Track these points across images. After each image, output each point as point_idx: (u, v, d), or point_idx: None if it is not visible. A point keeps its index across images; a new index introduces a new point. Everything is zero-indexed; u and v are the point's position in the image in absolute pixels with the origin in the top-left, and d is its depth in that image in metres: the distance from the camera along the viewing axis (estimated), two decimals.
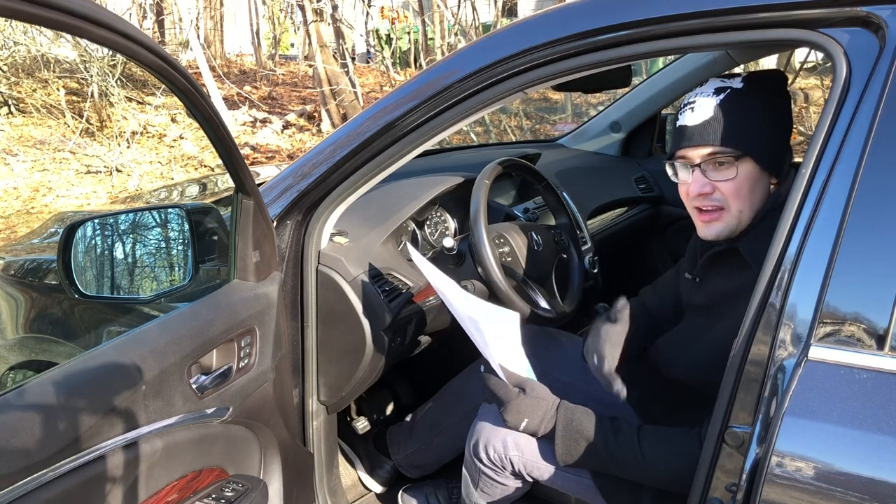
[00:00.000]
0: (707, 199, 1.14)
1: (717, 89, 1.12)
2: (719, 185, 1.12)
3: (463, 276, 1.60)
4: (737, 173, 1.11)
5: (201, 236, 1.28)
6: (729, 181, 1.11)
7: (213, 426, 1.17)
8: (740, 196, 1.12)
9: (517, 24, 1.22)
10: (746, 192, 1.12)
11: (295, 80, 11.14)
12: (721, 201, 1.13)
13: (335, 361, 1.48)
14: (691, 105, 1.14)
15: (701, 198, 1.14)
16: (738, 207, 1.12)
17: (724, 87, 1.12)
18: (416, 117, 1.26)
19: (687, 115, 1.14)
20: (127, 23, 0.85)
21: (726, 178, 1.11)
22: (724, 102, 1.11)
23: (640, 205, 2.53)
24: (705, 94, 1.13)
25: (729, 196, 1.12)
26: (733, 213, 1.13)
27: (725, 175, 1.11)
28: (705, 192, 1.13)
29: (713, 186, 1.13)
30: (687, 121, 1.14)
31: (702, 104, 1.12)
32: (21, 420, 0.87)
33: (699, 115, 1.12)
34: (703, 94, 1.13)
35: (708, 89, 1.13)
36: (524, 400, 1.21)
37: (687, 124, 1.13)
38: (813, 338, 0.84)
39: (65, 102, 7.04)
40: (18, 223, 5.03)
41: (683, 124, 1.14)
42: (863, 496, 0.77)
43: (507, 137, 6.47)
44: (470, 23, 6.05)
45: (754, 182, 1.12)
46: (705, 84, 1.15)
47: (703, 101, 1.12)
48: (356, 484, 1.82)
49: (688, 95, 1.17)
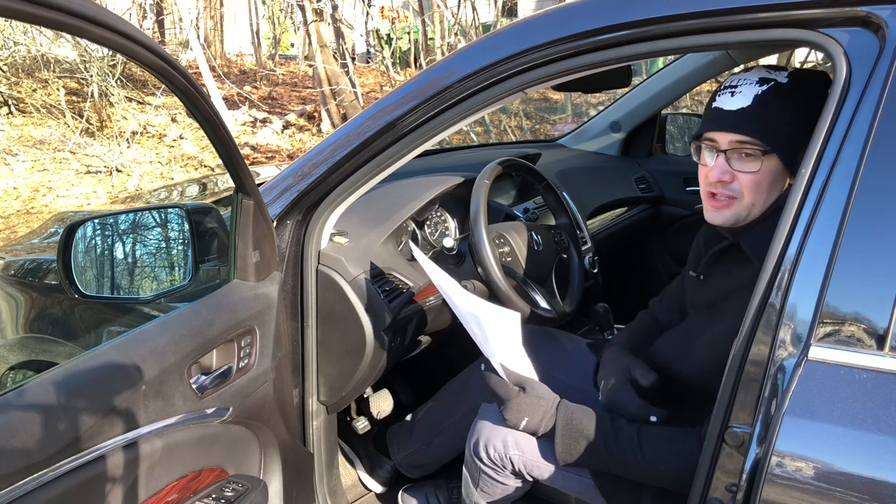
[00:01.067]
0: (725, 187, 1.12)
1: (761, 79, 1.10)
2: (740, 175, 1.11)
3: (463, 276, 1.60)
4: (760, 167, 1.09)
5: (201, 236, 1.28)
6: (750, 174, 1.10)
7: (213, 426, 1.17)
8: (758, 190, 1.11)
9: (517, 24, 1.22)
10: (765, 187, 1.11)
11: (295, 80, 11.14)
12: (736, 191, 1.12)
13: (335, 361, 1.48)
14: (732, 89, 1.12)
15: (719, 184, 1.12)
16: (752, 200, 1.12)
17: (769, 78, 1.10)
18: (416, 117, 1.26)
19: (726, 98, 1.12)
20: (127, 23, 0.85)
21: (749, 170, 1.10)
22: (765, 94, 1.09)
23: (640, 205, 2.53)
24: (749, 81, 1.11)
25: (746, 188, 1.11)
26: (745, 205, 1.12)
27: (749, 167, 1.10)
28: (724, 180, 1.12)
29: (733, 175, 1.11)
30: (724, 104, 1.11)
31: (743, 91, 1.10)
32: (21, 420, 0.87)
33: (738, 101, 1.10)
34: (746, 80, 1.11)
35: (752, 77, 1.11)
36: (524, 399, 1.21)
37: (723, 107, 1.11)
38: (813, 338, 0.84)
39: (65, 102, 7.04)
40: (18, 223, 5.03)
41: (720, 107, 1.12)
42: (863, 496, 0.77)
43: (507, 137, 6.47)
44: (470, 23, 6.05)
45: (774, 179, 1.11)
46: (750, 71, 1.13)
47: (745, 87, 1.10)
48: (356, 484, 1.82)
49: (730, 78, 1.14)
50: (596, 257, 1.98)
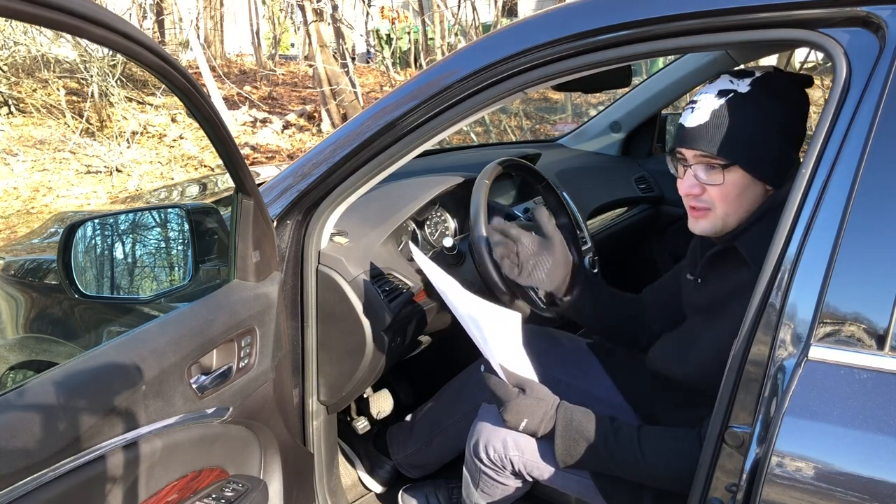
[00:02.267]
0: (696, 199, 1.16)
1: (720, 91, 1.12)
2: (708, 188, 1.14)
3: (463, 276, 1.60)
4: (724, 180, 1.12)
5: (201, 236, 1.27)
6: (716, 186, 1.13)
7: (213, 426, 1.17)
8: (726, 201, 1.14)
9: (517, 24, 1.22)
10: (733, 198, 1.13)
11: (295, 80, 11.14)
12: (708, 202, 1.15)
13: (335, 361, 1.48)
14: (693, 105, 1.15)
15: (690, 197, 1.17)
16: (724, 211, 1.15)
17: (728, 90, 1.12)
18: (416, 117, 1.26)
19: (688, 114, 1.15)
20: (127, 23, 0.85)
21: (714, 182, 1.13)
22: (722, 108, 1.11)
23: (640, 205, 2.53)
24: (708, 95, 1.13)
25: (715, 199, 1.14)
26: (718, 215, 1.15)
27: (713, 180, 1.13)
28: (694, 193, 1.16)
29: (702, 188, 1.15)
30: (686, 120, 1.15)
31: (702, 106, 1.13)
32: (21, 420, 0.87)
33: (697, 117, 1.13)
34: (706, 94, 1.13)
35: (712, 90, 1.13)
36: (524, 400, 1.21)
37: (685, 123, 1.15)
38: (813, 338, 0.84)
39: (65, 102, 7.04)
40: (18, 223, 5.03)
41: (682, 123, 1.16)
42: (863, 496, 0.77)
43: (507, 137, 6.47)
44: (470, 23, 6.05)
45: (742, 189, 1.13)
46: (715, 81, 1.15)
47: (703, 102, 1.13)
48: (356, 484, 1.82)
49: (696, 90, 1.18)
50: (596, 257, 1.98)
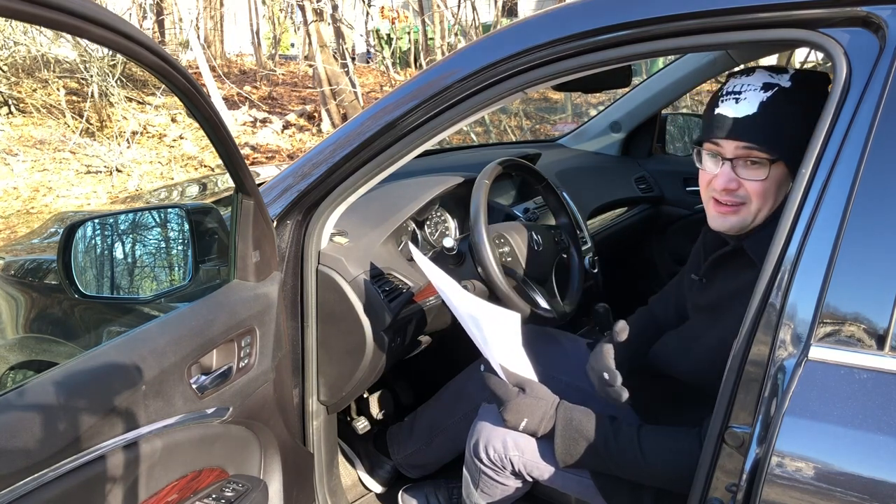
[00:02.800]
0: (731, 194, 1.11)
1: (765, 84, 1.08)
2: (746, 183, 1.09)
3: (463, 276, 1.60)
4: (768, 175, 1.08)
5: (201, 236, 1.27)
6: (758, 181, 1.09)
7: (213, 426, 1.17)
8: (765, 196, 1.09)
9: (517, 24, 1.22)
10: (772, 193, 1.09)
11: (295, 80, 11.14)
12: (743, 198, 1.10)
13: (335, 361, 1.48)
14: (736, 95, 1.09)
15: (724, 192, 1.11)
16: (759, 206, 1.10)
17: (772, 83, 1.08)
18: (416, 117, 1.26)
19: (730, 104, 1.09)
20: (127, 23, 0.85)
21: (756, 178, 1.09)
22: (770, 100, 1.07)
23: (640, 205, 2.53)
24: (753, 87, 1.09)
25: (753, 194, 1.10)
26: (752, 211, 1.11)
27: (756, 175, 1.09)
28: (730, 188, 1.10)
29: (739, 183, 1.10)
30: (729, 111, 1.09)
31: (748, 97, 1.08)
32: (21, 420, 0.87)
33: (743, 108, 1.08)
34: (750, 86, 1.09)
35: (756, 82, 1.09)
36: (524, 400, 1.21)
37: (728, 114, 1.09)
38: (813, 338, 0.84)
39: (65, 102, 7.04)
40: (18, 223, 5.03)
41: (723, 114, 1.10)
42: (863, 496, 0.77)
43: (507, 137, 6.47)
44: (470, 23, 6.05)
45: (780, 185, 1.10)
46: (752, 74, 1.11)
47: (750, 94, 1.08)
48: (356, 484, 1.82)
49: (732, 83, 1.12)
50: (596, 257, 1.98)
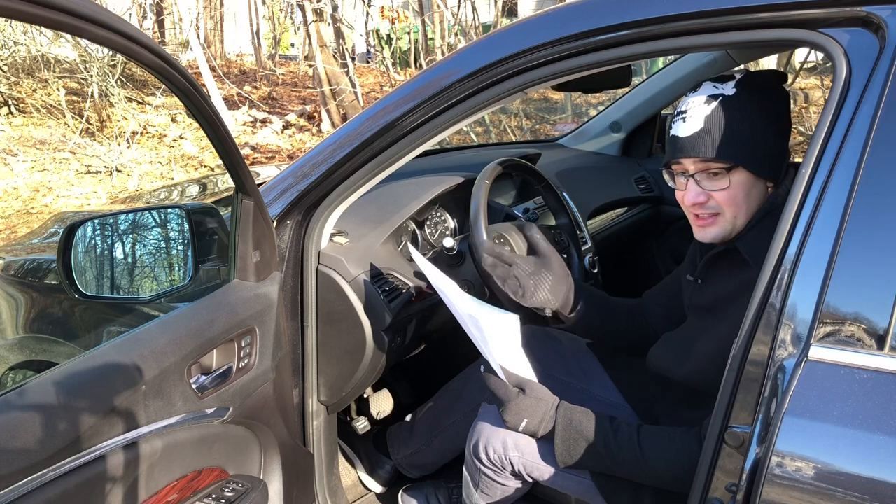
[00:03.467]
0: (702, 207, 1.15)
1: (708, 97, 1.12)
2: (713, 193, 1.13)
3: (463, 276, 1.60)
4: (730, 183, 1.12)
5: (201, 236, 1.27)
6: (722, 190, 1.12)
7: (213, 426, 1.17)
8: (735, 203, 1.13)
9: (517, 24, 1.22)
10: (741, 199, 1.13)
11: (295, 80, 11.14)
12: (716, 208, 1.15)
13: (335, 361, 1.48)
14: (683, 115, 1.14)
15: (696, 206, 1.16)
16: (733, 213, 1.14)
17: (716, 94, 1.12)
18: (416, 117, 1.26)
19: (679, 124, 1.14)
20: (127, 23, 0.85)
21: (719, 187, 1.13)
22: (715, 112, 1.10)
23: (640, 205, 2.53)
24: (697, 103, 1.12)
25: (723, 204, 1.13)
26: (728, 219, 1.15)
27: (718, 185, 1.13)
28: (700, 202, 1.15)
29: (707, 195, 1.14)
30: (679, 131, 1.14)
31: (693, 114, 1.12)
32: (21, 420, 0.87)
33: (690, 125, 1.12)
34: (694, 103, 1.13)
35: (700, 97, 1.13)
36: (524, 400, 1.21)
37: (679, 135, 1.14)
38: (813, 338, 0.84)
39: (65, 102, 7.04)
40: (18, 223, 5.03)
41: (675, 134, 1.15)
42: (863, 496, 0.77)
43: (507, 137, 6.46)
44: (470, 23, 6.04)
45: (748, 189, 1.13)
46: (698, 89, 1.14)
47: (694, 110, 1.12)
48: (356, 484, 1.82)
49: (680, 102, 1.17)
50: (596, 257, 1.98)
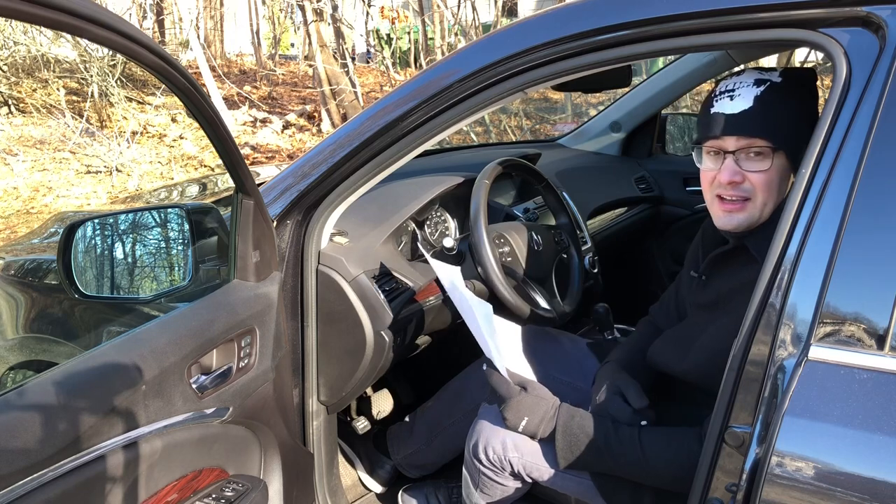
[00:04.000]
0: (736, 188, 1.12)
1: (756, 80, 1.11)
2: (751, 175, 1.11)
3: (463, 276, 1.60)
4: (771, 164, 1.10)
5: (201, 236, 1.27)
6: (762, 172, 1.10)
7: (213, 426, 1.17)
8: (770, 188, 1.11)
9: (517, 24, 1.22)
10: (776, 185, 1.11)
11: (295, 80, 11.14)
12: (749, 192, 1.11)
13: (335, 361, 1.48)
14: (730, 93, 1.12)
15: (730, 186, 1.12)
16: (764, 200, 1.11)
17: (763, 79, 1.11)
18: (416, 117, 1.26)
19: (725, 102, 1.12)
20: (127, 23, 0.85)
21: (761, 168, 1.10)
22: (764, 94, 1.09)
23: (640, 205, 2.53)
24: (745, 83, 1.11)
25: (758, 187, 1.11)
26: (758, 205, 1.12)
27: (760, 166, 1.10)
28: (735, 181, 1.11)
29: (744, 176, 1.11)
30: (725, 108, 1.11)
31: (742, 93, 1.10)
32: (21, 420, 0.87)
33: (739, 103, 1.10)
34: (742, 83, 1.12)
35: (747, 79, 1.12)
36: (525, 398, 1.21)
37: (725, 111, 1.11)
38: (813, 338, 0.84)
39: (65, 102, 7.04)
40: (18, 223, 5.03)
41: (720, 111, 1.12)
42: (863, 496, 0.77)
43: (507, 137, 6.47)
44: (470, 23, 6.04)
45: (784, 176, 1.11)
46: (742, 74, 1.13)
47: (743, 90, 1.11)
48: (356, 484, 1.82)
49: (724, 83, 1.14)
50: (596, 257, 1.98)
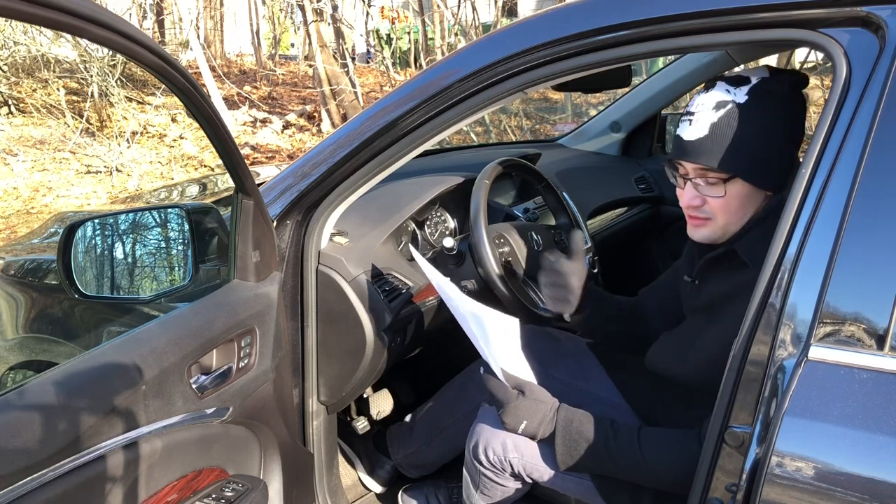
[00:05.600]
0: (696, 210, 1.16)
1: (718, 103, 1.10)
2: (708, 199, 1.14)
3: (463, 276, 1.60)
4: (725, 192, 1.12)
5: (201, 236, 1.28)
6: (717, 198, 1.13)
7: (213, 426, 1.17)
8: (728, 212, 1.14)
9: (517, 23, 1.22)
10: (735, 208, 1.13)
11: (295, 80, 11.14)
12: (709, 213, 1.15)
13: (335, 361, 1.48)
14: (690, 118, 1.13)
15: (690, 208, 1.17)
16: (725, 221, 1.15)
17: (725, 101, 1.10)
18: (416, 117, 1.26)
19: (685, 126, 1.14)
20: (127, 23, 0.85)
21: (715, 195, 1.13)
22: (721, 121, 1.09)
23: (640, 205, 2.53)
24: (706, 107, 1.11)
25: (717, 210, 1.14)
26: (719, 224, 1.15)
27: (714, 192, 1.13)
28: (695, 205, 1.16)
29: (703, 199, 1.15)
30: (683, 132, 1.14)
31: (700, 119, 1.11)
32: (21, 420, 0.87)
33: (695, 130, 1.12)
34: (703, 106, 1.11)
35: (709, 101, 1.11)
36: (523, 402, 1.21)
37: (682, 136, 1.14)
38: (813, 338, 0.84)
39: (65, 102, 7.04)
40: (18, 223, 5.03)
41: (680, 135, 1.15)
42: (863, 496, 0.77)
43: (507, 137, 6.46)
44: (470, 23, 6.04)
45: (743, 200, 1.13)
46: (711, 89, 1.12)
47: (701, 115, 1.11)
48: (356, 484, 1.82)
49: (691, 102, 1.16)
50: (596, 257, 1.98)
